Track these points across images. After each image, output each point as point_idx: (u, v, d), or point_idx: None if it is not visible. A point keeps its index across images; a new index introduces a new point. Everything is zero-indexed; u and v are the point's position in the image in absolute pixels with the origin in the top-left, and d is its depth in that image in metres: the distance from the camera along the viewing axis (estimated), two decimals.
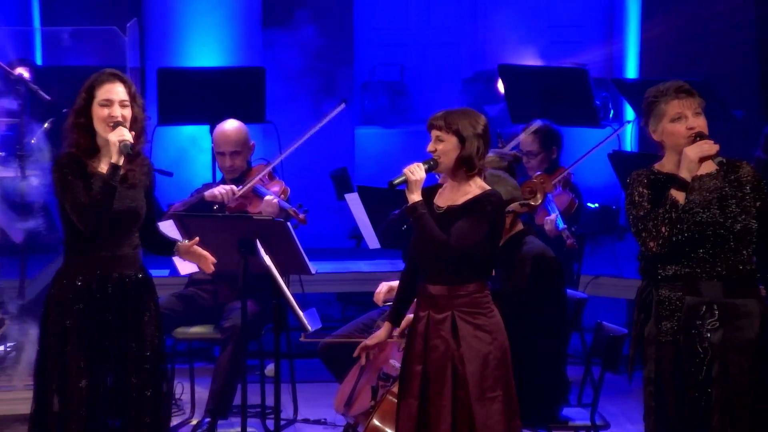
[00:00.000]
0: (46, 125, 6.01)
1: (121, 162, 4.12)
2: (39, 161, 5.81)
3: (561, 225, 6.19)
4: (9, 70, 5.80)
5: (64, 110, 4.26)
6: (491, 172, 4.63)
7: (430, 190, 4.30)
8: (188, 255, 4.41)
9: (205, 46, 8.65)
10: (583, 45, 9.95)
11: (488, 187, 4.25)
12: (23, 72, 6.37)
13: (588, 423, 4.84)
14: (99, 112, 4.15)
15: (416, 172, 4.17)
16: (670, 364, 3.96)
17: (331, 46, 9.20)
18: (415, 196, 4.17)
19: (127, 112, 4.17)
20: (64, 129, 4.23)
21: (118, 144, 4.10)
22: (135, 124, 4.20)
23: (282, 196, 5.92)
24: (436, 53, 10.37)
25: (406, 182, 4.19)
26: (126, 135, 4.13)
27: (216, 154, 6.06)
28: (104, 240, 4.19)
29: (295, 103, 8.99)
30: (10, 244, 5.90)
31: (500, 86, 7.96)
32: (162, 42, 8.62)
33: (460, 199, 4.21)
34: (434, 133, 4.21)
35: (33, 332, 5.46)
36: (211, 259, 4.42)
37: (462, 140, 4.17)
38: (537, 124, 6.65)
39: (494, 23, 10.25)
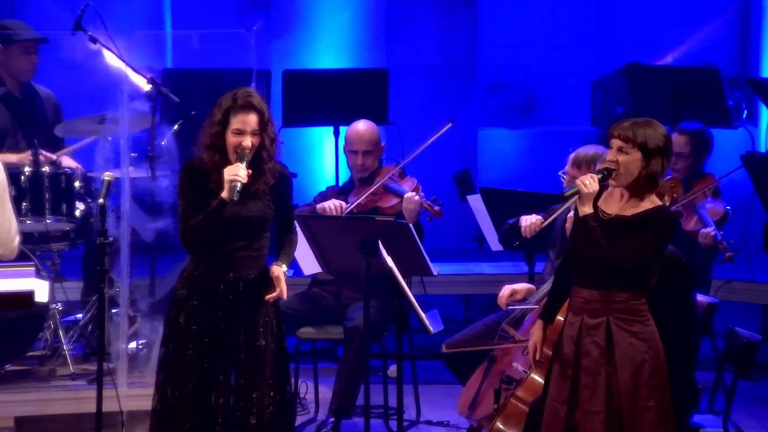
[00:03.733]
0: (175, 127, 6.14)
1: (228, 199, 4.23)
2: (168, 162, 5.93)
3: (718, 236, 6.04)
4: (141, 73, 5.94)
5: (193, 112, 4.35)
6: None
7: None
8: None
9: (330, 48, 8.72)
10: (715, 43, 9.67)
11: (659, 202, 4.13)
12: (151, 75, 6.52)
13: (720, 431, 4.70)
14: (231, 139, 4.30)
15: (590, 185, 4.06)
16: None
17: (454, 46, 9.16)
18: (586, 209, 4.06)
19: (256, 140, 4.30)
20: (199, 144, 4.35)
21: (229, 183, 4.22)
22: (265, 150, 4.31)
23: (414, 191, 5.92)
24: (562, 54, 10.22)
25: (578, 194, 4.08)
26: (240, 175, 4.23)
27: (347, 153, 6.07)
28: (221, 242, 4.30)
29: (418, 104, 8.98)
30: (141, 243, 6.04)
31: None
32: (288, 44, 8.73)
33: (630, 210, 4.10)
34: (617, 142, 4.06)
35: (162, 329, 5.58)
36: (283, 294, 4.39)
37: (647, 155, 4.04)
38: (690, 126, 6.48)
39: (623, 22, 10.04)
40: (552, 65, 10.22)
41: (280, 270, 4.34)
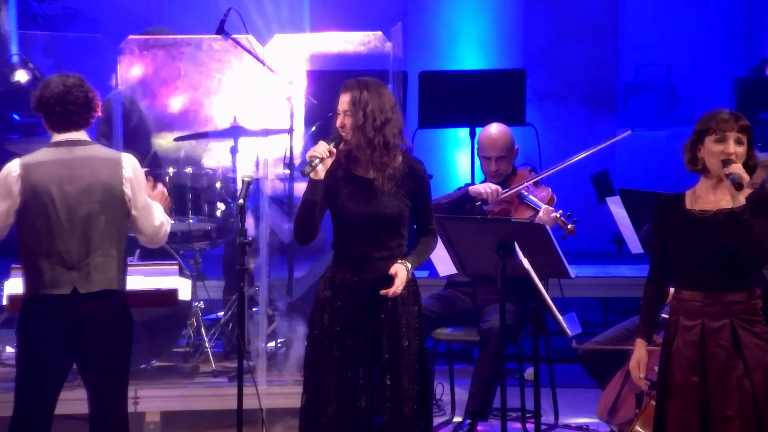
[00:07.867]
0: (312, 129, 6.22)
1: (315, 176, 4.19)
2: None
3: None
4: (280, 75, 6.03)
5: (330, 114, 4.39)
6: None
7: (675, 197, 4.10)
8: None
9: (467, 49, 8.70)
10: None
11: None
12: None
13: None
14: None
15: (746, 175, 3.93)
16: None
17: (594, 46, 9.01)
18: (742, 199, 3.93)
19: (349, 120, 4.23)
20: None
21: (309, 158, 4.21)
22: (363, 133, 4.20)
23: (548, 203, 5.85)
24: (705, 52, 9.95)
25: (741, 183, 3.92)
26: (317, 150, 4.19)
27: (480, 158, 6.03)
28: (358, 242, 4.28)
29: (556, 105, 8.87)
30: (279, 243, 6.14)
31: None
32: (424, 45, 8.74)
33: (726, 202, 3.97)
34: (734, 135, 3.95)
35: (300, 329, 5.67)
36: None
37: (750, 144, 3.97)
38: None
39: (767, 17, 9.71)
40: (694, 64, 9.97)
41: (399, 266, 4.22)
